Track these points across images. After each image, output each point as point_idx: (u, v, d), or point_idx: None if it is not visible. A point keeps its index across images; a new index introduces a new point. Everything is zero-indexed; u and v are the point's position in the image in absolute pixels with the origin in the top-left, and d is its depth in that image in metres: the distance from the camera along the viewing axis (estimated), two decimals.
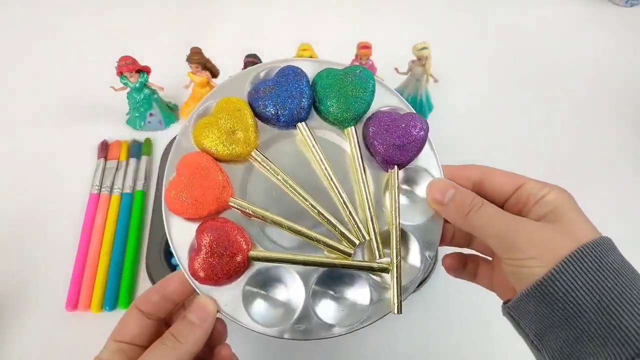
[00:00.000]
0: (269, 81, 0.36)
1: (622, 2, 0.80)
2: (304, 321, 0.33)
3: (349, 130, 0.36)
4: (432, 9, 0.80)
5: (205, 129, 0.34)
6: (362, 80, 0.35)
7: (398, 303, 0.33)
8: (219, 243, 0.32)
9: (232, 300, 0.32)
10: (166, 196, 0.33)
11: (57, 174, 0.61)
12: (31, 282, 0.53)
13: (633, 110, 0.68)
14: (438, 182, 0.35)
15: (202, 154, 0.34)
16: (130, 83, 0.59)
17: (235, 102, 0.35)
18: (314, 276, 0.33)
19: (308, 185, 0.35)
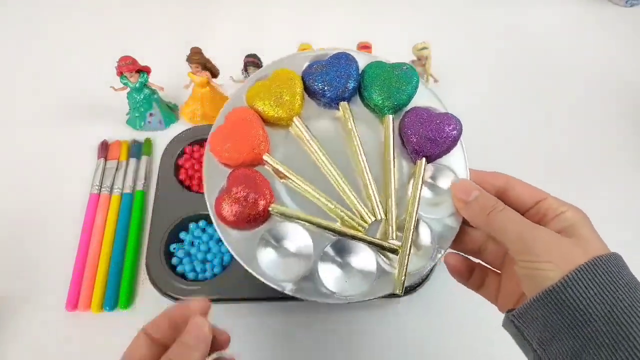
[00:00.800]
0: (323, 61, 0.39)
1: (622, 2, 0.80)
2: (307, 282, 0.35)
3: (387, 118, 0.38)
4: (432, 9, 0.80)
5: (258, 90, 0.38)
6: (407, 75, 0.38)
7: (401, 283, 0.34)
8: (246, 188, 0.35)
9: (247, 249, 0.35)
10: (210, 138, 0.37)
11: (57, 174, 0.61)
12: (31, 282, 0.53)
13: (633, 110, 0.68)
14: (464, 182, 0.36)
15: (250, 110, 0.38)
16: (130, 83, 0.59)
17: (289, 72, 0.39)
18: (326, 243, 0.35)
19: (337, 161, 0.37)
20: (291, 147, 0.38)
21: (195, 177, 0.59)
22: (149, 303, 0.52)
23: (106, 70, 0.60)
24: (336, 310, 0.52)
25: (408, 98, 0.39)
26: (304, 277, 0.35)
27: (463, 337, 0.52)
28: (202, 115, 0.63)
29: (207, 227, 0.55)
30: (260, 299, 0.51)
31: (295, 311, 0.52)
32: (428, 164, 0.37)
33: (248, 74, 0.59)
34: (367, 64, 0.39)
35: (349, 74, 0.38)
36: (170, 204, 0.56)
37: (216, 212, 0.35)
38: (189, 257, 0.54)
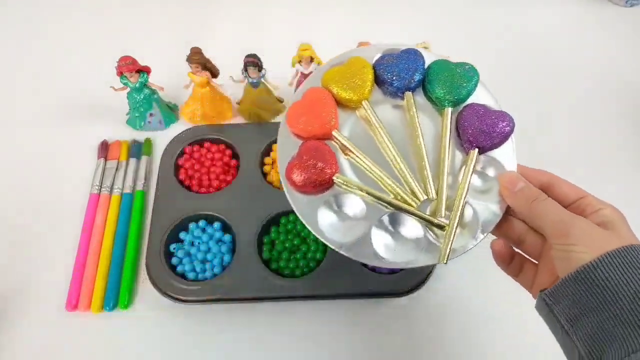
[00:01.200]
0: (394, 54, 0.43)
1: (622, 2, 0.80)
2: (359, 245, 0.38)
3: (446, 110, 0.42)
4: (432, 9, 0.80)
5: (333, 74, 0.42)
6: (468, 74, 0.42)
7: (446, 255, 0.38)
8: (315, 157, 0.39)
9: (311, 211, 0.39)
10: (288, 111, 0.41)
11: (57, 174, 0.61)
12: (31, 282, 0.54)
13: (633, 110, 0.68)
14: (511, 173, 0.40)
15: (325, 90, 0.42)
16: (130, 83, 0.59)
17: (363, 61, 0.43)
18: (380, 214, 0.39)
19: (397, 144, 0.41)
20: (357, 127, 0.42)
21: (195, 177, 0.59)
22: (149, 303, 0.52)
23: (106, 70, 0.60)
24: (337, 309, 0.52)
25: (467, 94, 0.42)
26: (357, 241, 0.38)
27: (463, 336, 0.52)
28: (202, 115, 0.63)
29: (207, 227, 0.55)
30: (261, 298, 0.51)
31: (295, 310, 0.52)
32: (479, 155, 0.41)
33: (248, 74, 0.59)
34: (433, 61, 0.44)
35: (416, 67, 0.42)
36: (170, 204, 0.56)
37: (286, 176, 0.40)
38: (189, 257, 0.54)
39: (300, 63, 0.59)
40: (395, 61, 0.43)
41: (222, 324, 0.52)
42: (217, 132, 0.62)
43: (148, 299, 0.53)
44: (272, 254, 0.54)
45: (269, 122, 0.64)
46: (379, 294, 0.52)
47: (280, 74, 0.61)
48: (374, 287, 0.51)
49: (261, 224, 0.55)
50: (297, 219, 0.56)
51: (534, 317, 0.53)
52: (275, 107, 0.65)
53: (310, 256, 0.53)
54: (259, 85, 0.60)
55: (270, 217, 0.55)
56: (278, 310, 0.52)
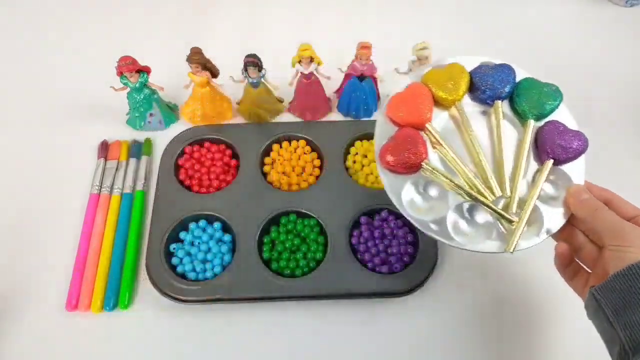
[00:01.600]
0: (491, 66, 0.49)
1: (622, 2, 0.80)
2: (437, 224, 0.44)
3: (529, 122, 0.47)
4: (432, 9, 0.80)
5: (433, 74, 0.49)
6: (554, 94, 0.48)
7: (513, 246, 0.43)
8: (407, 141, 0.45)
9: (398, 189, 0.45)
10: (390, 100, 0.48)
11: (57, 174, 0.61)
12: (31, 282, 0.54)
13: (633, 110, 0.68)
14: (579, 186, 0.45)
15: (425, 87, 0.48)
16: (130, 83, 0.59)
17: (461, 68, 0.49)
18: (458, 202, 0.45)
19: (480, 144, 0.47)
20: (447, 125, 0.48)
21: (195, 177, 0.59)
22: (149, 303, 0.52)
23: (106, 70, 0.60)
24: (337, 309, 0.52)
25: (550, 111, 0.48)
26: (433, 221, 0.44)
27: (463, 336, 0.52)
28: (202, 116, 0.63)
29: (207, 227, 0.55)
30: (261, 298, 0.51)
31: (295, 311, 0.52)
32: (553, 166, 0.46)
33: (248, 74, 0.59)
34: (523, 77, 0.50)
35: (508, 80, 0.48)
36: (170, 204, 0.56)
37: (381, 155, 0.46)
38: (189, 257, 0.54)
39: (300, 63, 0.59)
40: (491, 72, 0.49)
41: (222, 323, 0.52)
42: (217, 132, 0.62)
43: (148, 299, 0.53)
44: (272, 254, 0.54)
45: (269, 122, 0.64)
46: (379, 294, 0.52)
47: (280, 74, 0.61)
48: (374, 287, 0.51)
49: (261, 224, 0.55)
50: (297, 219, 0.56)
51: (533, 317, 0.53)
52: (275, 107, 0.65)
53: (310, 256, 0.53)
54: (259, 86, 0.60)
55: (270, 217, 0.55)
56: (278, 310, 0.52)
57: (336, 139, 0.61)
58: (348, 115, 0.66)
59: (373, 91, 0.63)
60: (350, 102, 0.64)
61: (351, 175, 0.60)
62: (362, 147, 0.61)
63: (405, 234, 0.55)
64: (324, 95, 0.65)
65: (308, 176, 0.60)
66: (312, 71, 0.60)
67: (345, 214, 0.55)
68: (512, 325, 0.52)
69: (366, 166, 0.60)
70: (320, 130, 0.62)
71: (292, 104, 0.66)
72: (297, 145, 0.62)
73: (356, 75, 0.61)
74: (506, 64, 0.50)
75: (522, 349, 0.51)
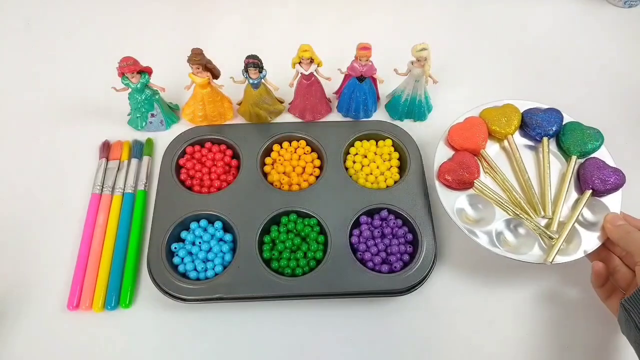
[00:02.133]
0: (541, 108, 0.59)
1: (620, 3, 0.80)
2: (483, 234, 0.52)
3: (573, 157, 0.56)
4: (432, 10, 0.80)
5: (490, 112, 0.59)
6: (595, 136, 0.57)
7: (553, 257, 0.49)
8: (464, 162, 0.55)
9: (450, 202, 0.53)
10: (451, 130, 0.58)
11: (59, 175, 0.62)
12: (33, 282, 0.54)
13: (632, 111, 0.69)
14: (615, 213, 0.52)
15: (482, 120, 0.58)
16: (132, 84, 0.59)
17: (515, 107, 0.59)
18: (504, 217, 0.53)
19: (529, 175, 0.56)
20: (498, 154, 0.58)
21: (197, 177, 0.59)
22: (151, 302, 0.53)
23: (108, 71, 0.60)
24: (337, 308, 0.53)
25: (592, 150, 0.56)
26: (481, 230, 0.52)
27: (462, 335, 0.52)
28: (203, 116, 0.63)
29: (209, 227, 0.56)
30: (262, 297, 0.52)
31: (296, 309, 0.53)
32: (592, 197, 0.53)
33: (249, 75, 0.59)
34: (569, 121, 0.59)
35: (555, 121, 0.58)
36: (171, 204, 0.57)
37: (439, 173, 0.55)
38: (191, 257, 0.54)
39: (300, 64, 0.59)
40: (541, 113, 0.58)
41: (223, 322, 0.52)
42: (218, 132, 0.63)
43: (150, 299, 0.53)
44: (273, 254, 0.54)
45: (269, 123, 0.65)
46: (379, 293, 0.52)
47: (281, 74, 0.61)
48: (374, 286, 0.51)
49: (262, 224, 0.55)
50: (297, 218, 0.56)
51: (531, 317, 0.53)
52: (275, 107, 0.65)
53: (310, 255, 0.54)
54: (260, 86, 0.61)
55: (270, 217, 0.56)
56: (279, 309, 0.53)
57: (336, 139, 0.62)
58: (348, 115, 0.66)
59: (373, 92, 0.64)
60: (350, 103, 0.64)
61: (351, 175, 0.60)
62: (362, 147, 0.62)
63: (405, 234, 0.55)
64: (324, 96, 0.65)
65: (308, 176, 0.60)
66: (312, 72, 0.60)
67: (345, 214, 0.56)
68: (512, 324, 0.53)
69: (366, 166, 0.61)
70: (320, 131, 0.63)
71: (292, 104, 0.66)
72: (297, 145, 0.62)
73: (356, 76, 0.61)
74: (555, 109, 0.59)
75: (521, 348, 0.51)
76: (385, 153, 0.62)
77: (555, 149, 0.58)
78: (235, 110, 0.66)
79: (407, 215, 0.56)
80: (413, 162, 0.60)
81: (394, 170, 0.61)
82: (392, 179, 0.60)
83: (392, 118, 0.67)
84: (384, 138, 0.62)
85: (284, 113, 0.67)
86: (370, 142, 0.62)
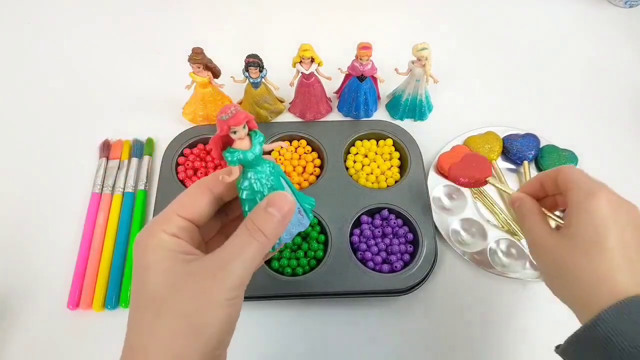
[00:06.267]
0: (520, 135, 0.63)
1: (621, 2, 0.80)
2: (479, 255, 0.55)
3: None
4: (432, 10, 0.80)
5: (474, 139, 0.63)
6: (570, 157, 0.61)
7: None
8: (474, 159, 0.56)
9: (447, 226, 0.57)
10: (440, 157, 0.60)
11: (59, 174, 0.62)
12: (33, 281, 0.54)
13: (633, 111, 0.69)
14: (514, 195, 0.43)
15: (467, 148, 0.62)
16: (251, 78, 0.59)
17: (496, 136, 0.63)
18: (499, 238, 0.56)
19: None
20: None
21: (197, 176, 0.59)
22: None
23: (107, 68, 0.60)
24: (337, 307, 0.53)
25: None
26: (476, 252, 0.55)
27: (462, 335, 0.52)
28: (204, 116, 0.63)
29: None
30: (262, 297, 0.52)
31: (296, 308, 0.53)
32: None
33: (249, 74, 0.59)
34: (546, 144, 0.63)
35: (534, 146, 0.62)
36: None
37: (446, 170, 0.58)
38: None
39: (301, 63, 0.59)
40: (520, 139, 0.62)
41: None
42: None
43: None
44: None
45: (269, 122, 0.65)
46: (380, 293, 0.52)
47: (281, 74, 0.61)
48: (375, 285, 0.51)
49: None
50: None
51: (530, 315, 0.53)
52: (276, 107, 0.65)
53: (311, 255, 0.54)
54: (260, 86, 0.61)
55: None
56: (279, 309, 0.53)
57: (337, 138, 0.62)
58: (348, 115, 0.66)
59: (373, 91, 0.64)
60: (350, 102, 0.64)
61: (352, 175, 0.60)
62: (362, 147, 0.62)
63: (406, 233, 0.55)
64: (324, 96, 0.65)
65: (309, 175, 0.60)
66: (312, 71, 0.60)
67: (345, 213, 0.56)
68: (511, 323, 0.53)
69: (366, 166, 0.60)
70: (320, 130, 0.63)
71: (292, 104, 0.66)
72: (298, 144, 0.62)
73: (356, 76, 0.61)
74: (532, 134, 0.63)
75: (520, 347, 0.51)
76: (385, 153, 0.62)
77: (536, 171, 0.62)
78: None
79: (408, 215, 0.55)
80: (414, 161, 0.60)
81: (395, 170, 0.61)
82: (393, 178, 0.60)
83: (393, 118, 0.67)
84: (385, 137, 0.62)
85: (285, 112, 0.67)
86: (370, 141, 0.62)
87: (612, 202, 0.34)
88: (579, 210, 0.34)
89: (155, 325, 0.28)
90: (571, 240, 0.34)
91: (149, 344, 0.28)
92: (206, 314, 0.28)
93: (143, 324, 0.28)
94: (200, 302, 0.28)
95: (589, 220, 0.33)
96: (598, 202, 0.34)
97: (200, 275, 0.28)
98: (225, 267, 0.28)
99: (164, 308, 0.28)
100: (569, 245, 0.34)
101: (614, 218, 0.33)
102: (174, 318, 0.28)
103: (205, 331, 0.28)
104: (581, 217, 0.34)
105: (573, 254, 0.33)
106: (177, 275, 0.28)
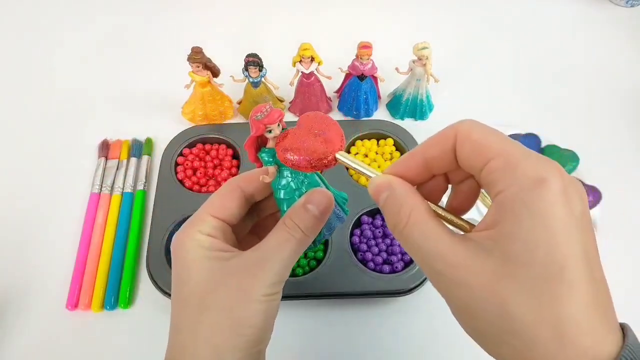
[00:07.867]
0: (520, 135, 0.60)
1: (623, 2, 0.80)
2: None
3: None
4: (432, 9, 0.80)
5: None
6: (572, 157, 0.59)
7: None
8: (316, 124, 0.30)
9: None
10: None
11: (58, 174, 0.61)
12: (32, 282, 0.53)
13: (633, 111, 0.68)
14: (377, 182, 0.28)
15: None
16: (251, 78, 0.59)
17: None
18: None
19: None
20: None
21: (196, 176, 0.59)
22: (150, 302, 0.52)
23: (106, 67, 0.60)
24: (338, 307, 0.52)
25: (570, 171, 0.58)
26: None
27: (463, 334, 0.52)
28: (203, 115, 0.63)
29: None
30: None
31: (296, 309, 0.52)
32: None
33: (249, 74, 0.59)
34: (547, 144, 0.60)
35: (535, 145, 0.60)
36: (171, 204, 0.56)
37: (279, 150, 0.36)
38: None
39: (301, 63, 0.59)
40: (521, 139, 0.59)
41: None
42: (218, 131, 0.62)
43: (149, 298, 0.52)
44: None
45: None
46: (381, 293, 0.52)
47: (281, 73, 0.61)
48: (376, 286, 0.51)
49: None
50: None
51: None
52: (275, 106, 0.65)
53: (311, 255, 0.53)
54: (260, 85, 0.60)
55: None
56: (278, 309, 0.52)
57: None
58: (349, 115, 0.66)
59: (374, 91, 0.63)
60: (350, 102, 0.64)
61: (352, 174, 0.60)
62: (363, 146, 0.61)
63: None
64: (324, 95, 0.65)
65: None
66: (312, 71, 0.60)
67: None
68: None
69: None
70: None
71: (292, 103, 0.66)
72: None
73: (357, 75, 0.61)
74: (533, 134, 0.61)
75: None
76: (386, 152, 0.61)
77: None
78: (236, 109, 0.66)
79: None
80: None
81: None
82: None
83: (393, 117, 0.67)
84: (385, 137, 0.62)
85: (285, 112, 0.67)
86: (371, 141, 0.62)
87: (566, 191, 0.20)
88: (514, 208, 0.20)
89: (198, 320, 0.29)
90: (503, 263, 0.20)
91: (192, 338, 0.29)
92: (246, 309, 0.28)
93: (186, 320, 0.29)
94: (240, 297, 0.28)
95: (538, 228, 0.19)
96: (551, 196, 0.19)
97: (239, 272, 0.29)
98: (264, 264, 0.29)
99: (206, 303, 0.29)
100: (500, 272, 0.20)
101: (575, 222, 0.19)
102: (215, 312, 0.28)
103: (245, 326, 0.28)
104: (522, 223, 0.20)
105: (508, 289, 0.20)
106: (217, 272, 0.29)
